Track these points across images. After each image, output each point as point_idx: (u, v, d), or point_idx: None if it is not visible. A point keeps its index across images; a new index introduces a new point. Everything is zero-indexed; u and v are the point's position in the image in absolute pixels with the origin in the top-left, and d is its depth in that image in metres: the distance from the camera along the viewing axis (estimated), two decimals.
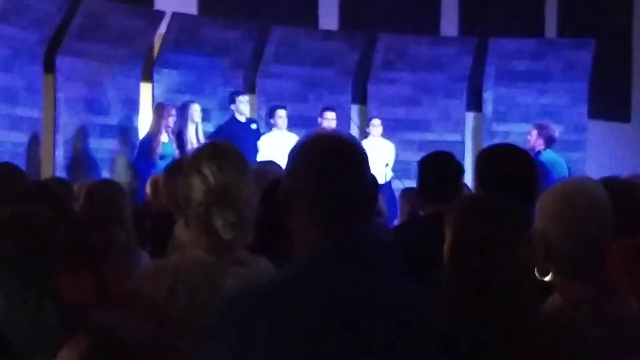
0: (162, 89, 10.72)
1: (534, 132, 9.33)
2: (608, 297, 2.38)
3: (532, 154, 8.76)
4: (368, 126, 11.07)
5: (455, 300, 2.19)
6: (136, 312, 2.46)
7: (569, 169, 9.52)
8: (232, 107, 10.19)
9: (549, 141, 9.26)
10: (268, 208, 2.74)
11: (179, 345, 2.35)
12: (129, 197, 4.20)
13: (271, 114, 10.41)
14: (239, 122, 10.13)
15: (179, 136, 9.80)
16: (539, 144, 9.20)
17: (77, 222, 3.47)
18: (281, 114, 10.26)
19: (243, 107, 10.21)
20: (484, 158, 3.58)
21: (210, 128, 10.63)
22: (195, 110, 9.97)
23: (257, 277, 2.38)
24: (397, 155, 10.98)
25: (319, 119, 10.47)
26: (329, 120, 10.39)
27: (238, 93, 10.43)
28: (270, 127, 10.54)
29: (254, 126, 10.26)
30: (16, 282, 2.17)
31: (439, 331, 1.99)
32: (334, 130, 2.08)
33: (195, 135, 9.88)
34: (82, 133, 10.07)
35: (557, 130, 9.50)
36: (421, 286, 2.02)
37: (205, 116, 10.43)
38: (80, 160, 10.03)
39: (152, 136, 9.53)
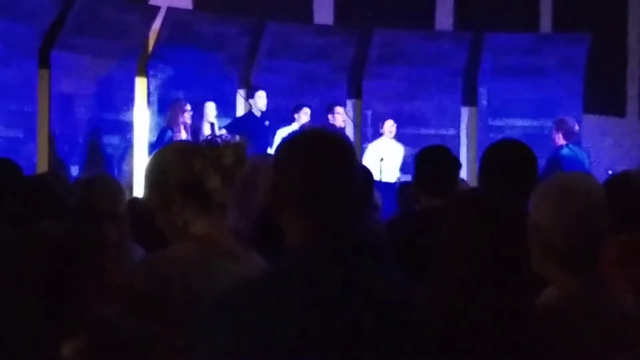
0: (157, 84, 10.72)
1: (554, 129, 9.37)
2: (602, 292, 2.38)
3: (554, 150, 8.96)
4: (381, 127, 11.10)
5: (450, 293, 2.19)
6: (132, 308, 2.45)
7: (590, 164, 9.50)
8: (251, 101, 10.43)
9: (568, 135, 9.21)
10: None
11: (175, 340, 2.35)
12: (125, 193, 4.20)
13: (297, 109, 10.56)
14: (255, 116, 10.35)
15: (195, 134, 9.89)
16: (559, 139, 9.18)
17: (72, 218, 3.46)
18: (307, 111, 10.51)
19: (261, 102, 10.40)
20: (488, 152, 3.64)
21: None
22: (210, 109, 10.24)
23: (249, 272, 2.38)
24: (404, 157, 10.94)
25: (329, 115, 10.57)
26: (341, 115, 10.61)
27: (257, 89, 10.62)
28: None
29: (267, 123, 10.37)
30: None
31: (433, 324, 2.00)
32: (320, 126, 2.08)
33: (212, 132, 9.96)
34: (78, 128, 10.06)
35: (576, 125, 9.49)
36: (415, 280, 2.03)
37: (200, 111, 10.42)
38: (76, 155, 10.02)
39: (172, 132, 9.69)
